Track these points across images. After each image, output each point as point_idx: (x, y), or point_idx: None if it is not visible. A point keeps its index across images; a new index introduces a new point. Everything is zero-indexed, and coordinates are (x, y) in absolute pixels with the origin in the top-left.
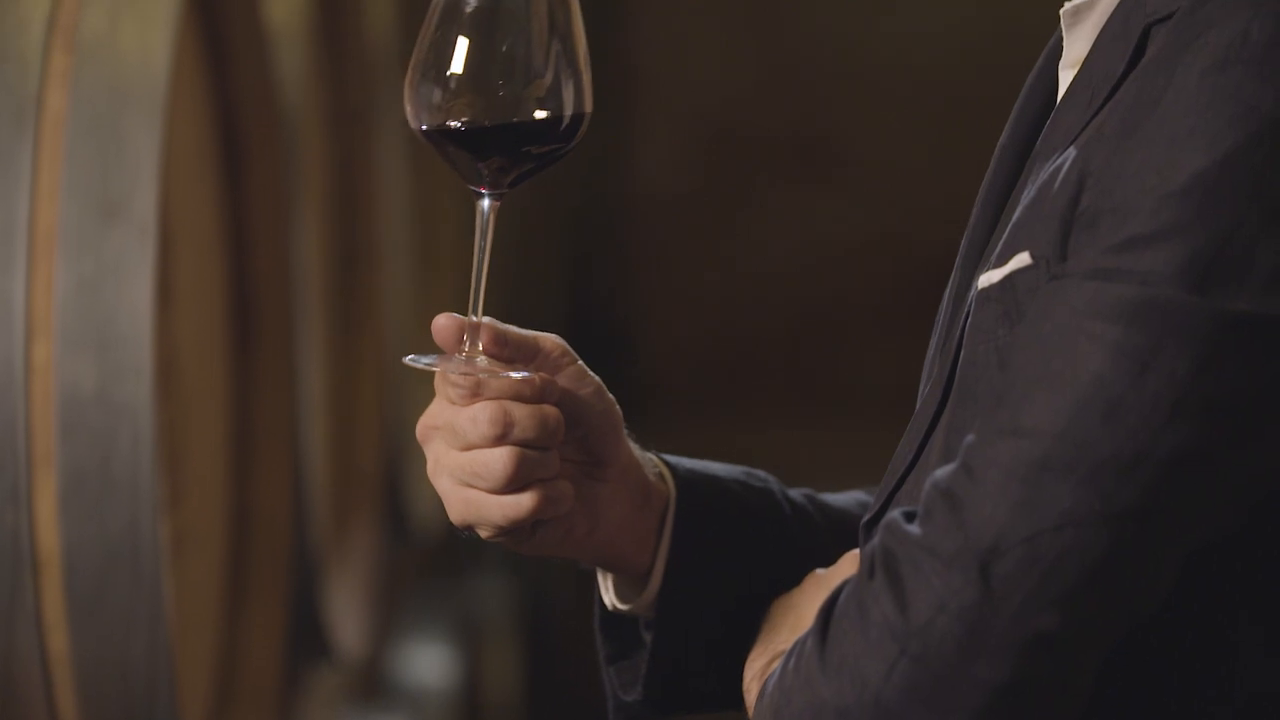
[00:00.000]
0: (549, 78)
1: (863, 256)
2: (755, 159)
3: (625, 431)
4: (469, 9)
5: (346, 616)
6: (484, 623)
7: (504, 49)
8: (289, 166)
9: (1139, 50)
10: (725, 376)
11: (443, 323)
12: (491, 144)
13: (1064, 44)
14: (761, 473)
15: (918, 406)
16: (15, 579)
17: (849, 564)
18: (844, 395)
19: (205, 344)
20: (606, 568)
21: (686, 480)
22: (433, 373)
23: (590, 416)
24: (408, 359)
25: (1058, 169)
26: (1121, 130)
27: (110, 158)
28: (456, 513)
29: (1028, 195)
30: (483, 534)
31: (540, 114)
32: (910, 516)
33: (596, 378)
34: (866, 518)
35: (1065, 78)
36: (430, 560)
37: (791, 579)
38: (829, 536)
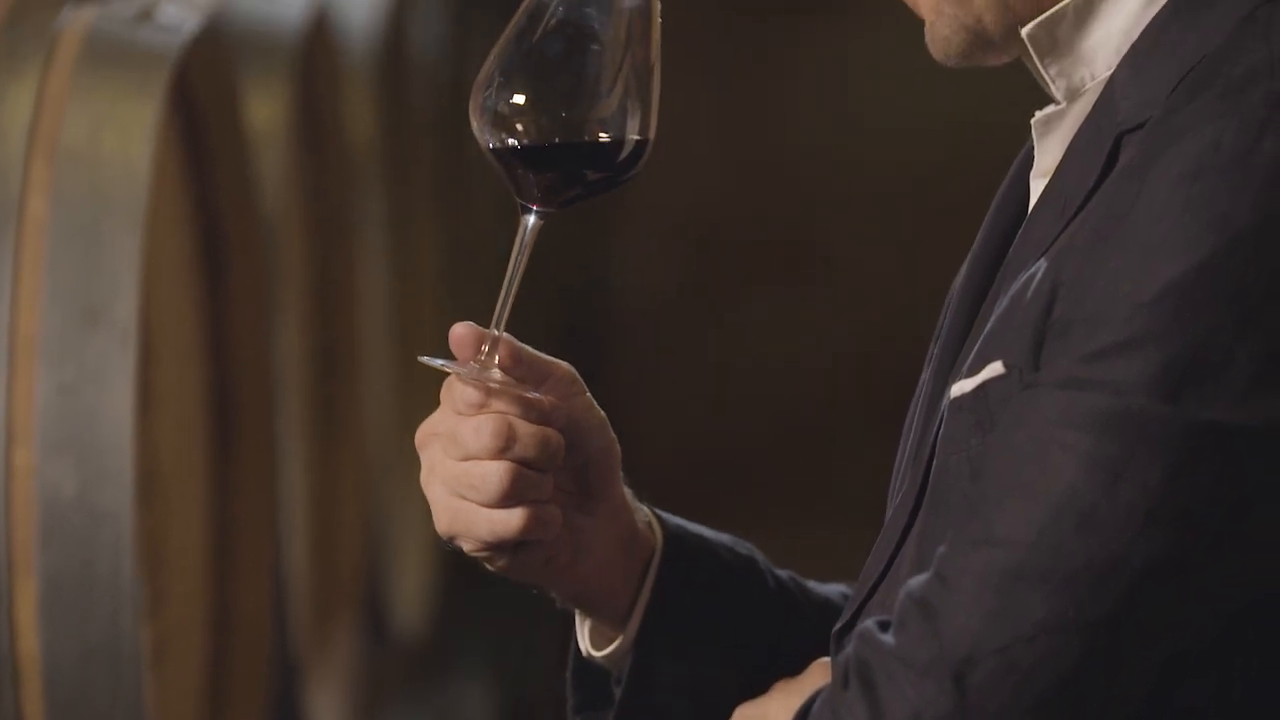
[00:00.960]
0: (618, 105)
1: (847, 360)
2: (739, 262)
3: (621, 475)
4: (548, 24)
5: None
6: None
7: (577, 69)
8: (270, 270)
9: (1111, 159)
10: (707, 479)
11: (461, 330)
12: (550, 163)
13: (1035, 153)
14: (748, 543)
15: (889, 516)
16: None
17: (818, 672)
18: (827, 499)
19: (186, 448)
20: (584, 606)
21: (675, 534)
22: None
23: (591, 449)
24: (423, 358)
25: (1030, 278)
26: (1094, 239)
27: (91, 264)
28: (443, 523)
29: (1000, 305)
30: (466, 547)
31: (604, 139)
32: (884, 626)
33: (602, 413)
34: (838, 627)
35: (1037, 187)
36: (411, 664)
37: (769, 649)
38: (810, 615)
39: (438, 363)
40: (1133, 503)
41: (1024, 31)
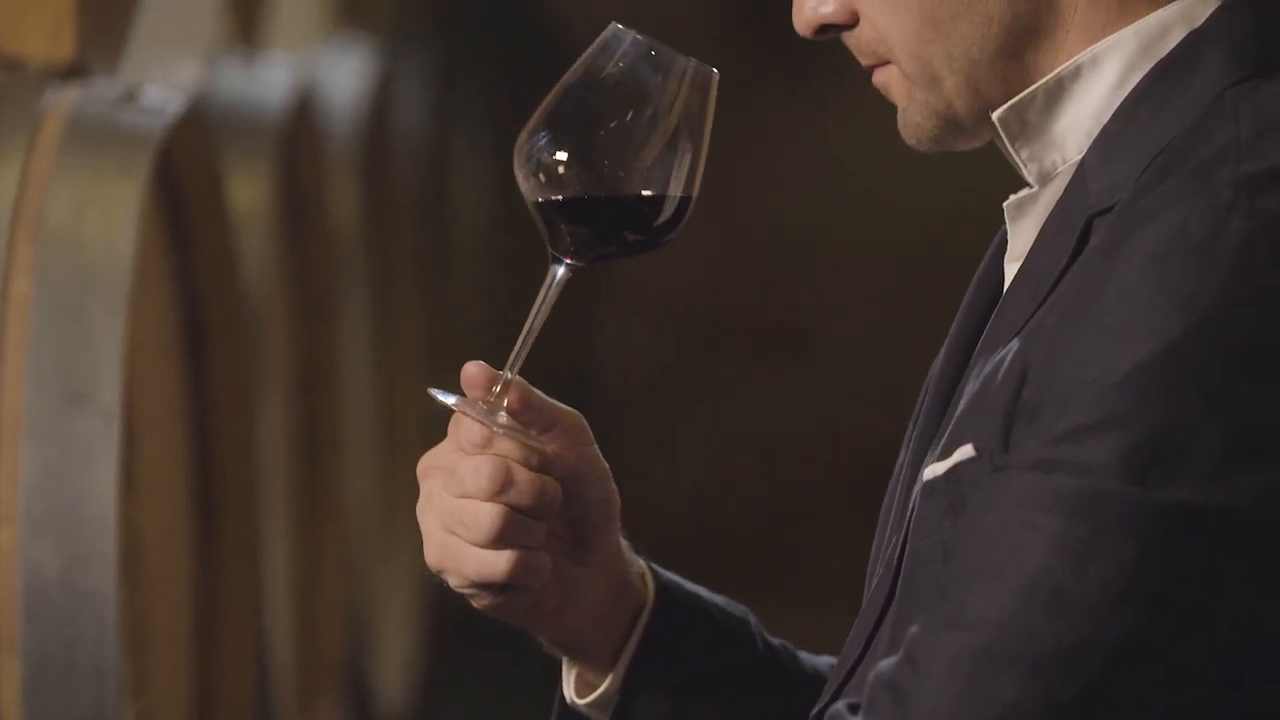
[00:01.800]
0: (661, 170)
1: (833, 438)
2: (724, 340)
3: (618, 527)
4: (604, 80)
5: None
6: None
7: (624, 129)
8: (252, 351)
9: (1082, 242)
10: (689, 559)
11: (473, 370)
12: (586, 219)
13: (1008, 237)
14: (743, 606)
15: (865, 600)
16: None
17: None
18: (812, 578)
19: (169, 529)
20: (569, 652)
21: (667, 588)
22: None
23: (588, 500)
24: (433, 390)
25: (1000, 361)
26: (1063, 320)
27: (75, 344)
28: (433, 556)
29: (972, 388)
30: (452, 582)
31: (643, 204)
32: (854, 708)
33: (605, 465)
34: (815, 711)
35: (1010, 270)
36: None
37: (753, 711)
38: (798, 683)
39: (450, 400)
40: (1103, 584)
41: (995, 116)
